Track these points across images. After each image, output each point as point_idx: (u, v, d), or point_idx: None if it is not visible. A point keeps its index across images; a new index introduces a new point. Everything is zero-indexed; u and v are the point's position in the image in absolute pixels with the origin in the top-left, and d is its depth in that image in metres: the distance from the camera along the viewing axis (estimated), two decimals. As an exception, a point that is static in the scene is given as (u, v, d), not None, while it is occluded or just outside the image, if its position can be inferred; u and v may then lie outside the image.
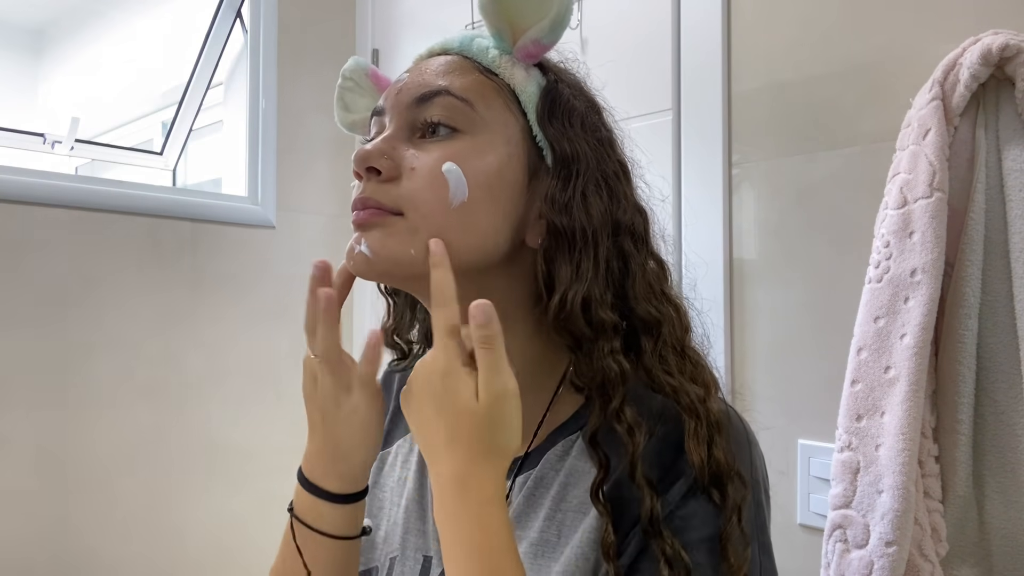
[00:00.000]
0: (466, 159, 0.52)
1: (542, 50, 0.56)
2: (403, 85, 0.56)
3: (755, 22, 1.05)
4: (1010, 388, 0.75)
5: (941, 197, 0.76)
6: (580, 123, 0.57)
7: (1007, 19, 0.81)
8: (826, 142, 0.97)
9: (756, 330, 1.04)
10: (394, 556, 0.61)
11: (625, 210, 0.56)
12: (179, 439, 1.39)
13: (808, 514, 0.97)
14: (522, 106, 0.56)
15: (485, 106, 0.54)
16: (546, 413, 0.58)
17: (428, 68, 0.56)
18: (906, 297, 0.77)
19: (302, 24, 1.63)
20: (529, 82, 0.56)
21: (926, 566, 0.75)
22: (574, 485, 0.54)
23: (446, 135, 0.53)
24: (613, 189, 0.56)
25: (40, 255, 1.24)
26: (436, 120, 0.53)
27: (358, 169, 0.54)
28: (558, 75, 0.58)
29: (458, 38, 0.58)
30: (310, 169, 1.63)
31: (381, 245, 0.52)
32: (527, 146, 0.56)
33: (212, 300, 1.45)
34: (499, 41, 0.56)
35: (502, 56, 0.56)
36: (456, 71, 0.55)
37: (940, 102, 0.77)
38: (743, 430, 0.55)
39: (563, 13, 0.53)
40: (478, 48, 0.57)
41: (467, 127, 0.53)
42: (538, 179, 0.56)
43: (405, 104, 0.55)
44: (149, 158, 1.79)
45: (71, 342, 1.27)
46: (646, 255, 0.57)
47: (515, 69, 0.56)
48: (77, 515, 1.26)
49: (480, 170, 0.52)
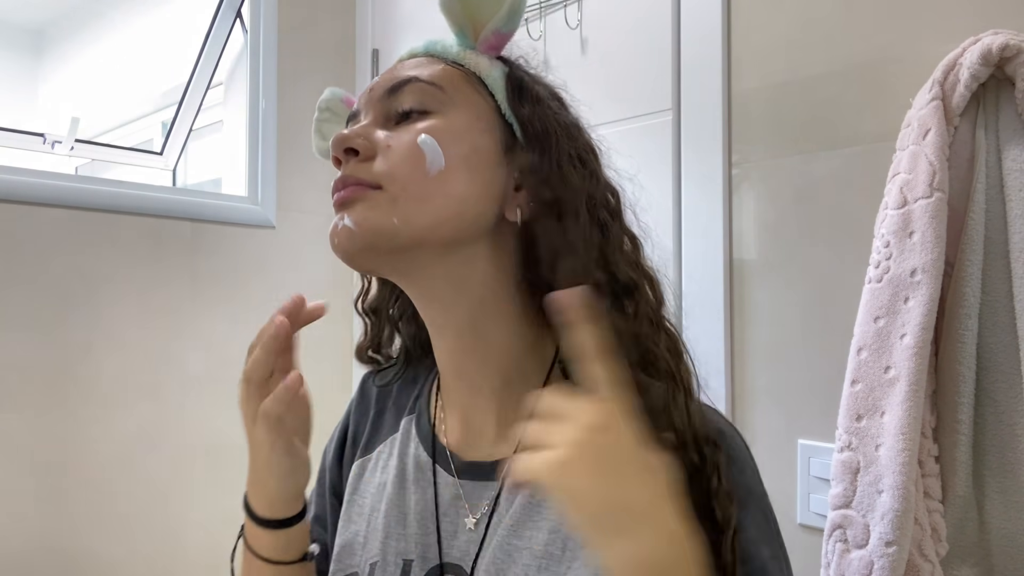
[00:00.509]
0: (440, 133, 0.54)
1: (503, 40, 0.59)
2: (374, 84, 0.59)
3: (755, 22, 1.05)
4: (1010, 388, 0.75)
5: (941, 197, 0.76)
6: (546, 105, 0.59)
7: (1007, 19, 0.81)
8: (826, 142, 0.97)
9: (756, 330, 1.04)
10: (374, 562, 0.60)
11: (598, 185, 0.59)
12: (179, 439, 1.39)
13: (808, 514, 0.97)
14: (489, 88, 0.58)
15: (454, 89, 0.57)
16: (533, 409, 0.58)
17: (397, 68, 0.60)
18: (906, 297, 0.77)
19: (302, 24, 1.63)
20: (493, 68, 0.59)
21: (926, 566, 0.75)
22: None
23: (418, 118, 0.55)
24: (586, 164, 0.58)
25: (40, 255, 1.24)
26: (408, 107, 0.56)
27: (336, 152, 0.56)
28: (520, 66, 0.62)
29: (423, 44, 0.61)
30: (310, 169, 1.63)
31: (363, 217, 0.53)
32: (498, 122, 0.58)
33: (212, 300, 1.45)
34: (462, 39, 0.59)
35: (466, 51, 0.59)
36: (423, 64, 0.58)
37: (940, 102, 0.77)
38: (743, 444, 0.56)
39: (517, 2, 0.56)
40: (443, 47, 0.60)
41: (438, 108, 0.56)
42: (513, 153, 0.57)
43: (377, 97, 0.58)
44: (149, 158, 1.79)
45: (71, 342, 1.27)
46: (620, 228, 0.59)
47: (479, 59, 0.59)
48: (77, 515, 1.26)
49: (454, 141, 0.54)
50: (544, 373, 0.58)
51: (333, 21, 1.70)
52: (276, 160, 1.58)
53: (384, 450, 0.66)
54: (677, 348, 0.56)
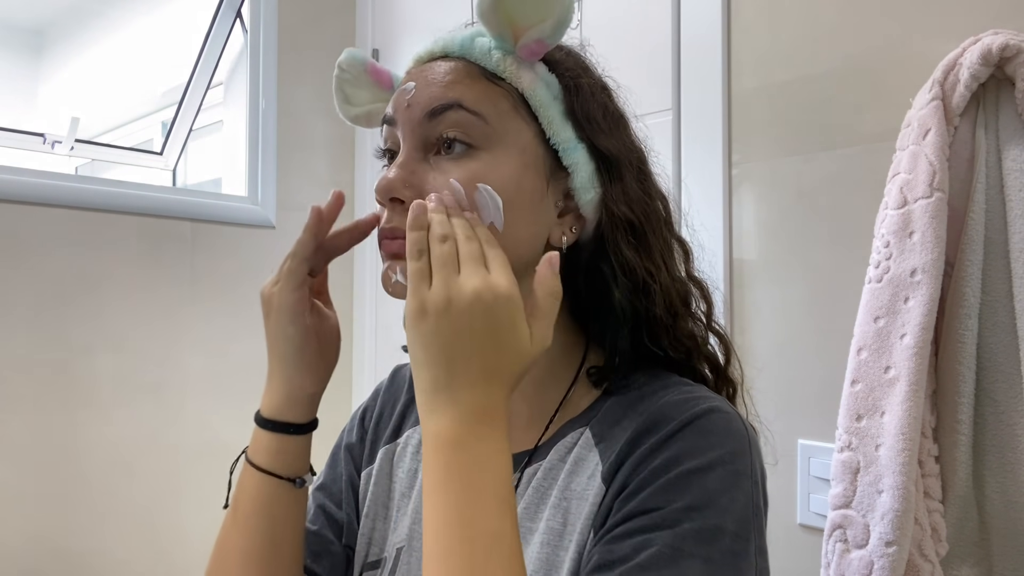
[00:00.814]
0: (485, 177, 0.53)
1: (545, 48, 0.56)
2: (412, 98, 0.55)
3: (755, 22, 1.05)
4: (1010, 388, 0.75)
5: (941, 197, 0.76)
6: (600, 116, 0.58)
7: (1007, 19, 0.81)
8: (826, 142, 0.97)
9: (756, 330, 1.04)
10: (401, 546, 0.62)
11: (653, 197, 0.59)
12: (179, 439, 1.39)
13: (808, 514, 0.97)
14: (532, 110, 0.56)
15: (497, 116, 0.54)
16: (559, 407, 0.59)
17: (434, 77, 0.56)
18: (906, 297, 0.77)
19: (302, 24, 1.63)
20: (537, 84, 0.56)
21: (926, 566, 0.75)
22: (578, 473, 0.55)
23: (462, 151, 0.54)
24: (643, 177, 0.59)
25: (40, 255, 1.24)
26: (451, 136, 0.54)
27: (381, 200, 0.55)
28: (565, 68, 0.58)
29: (458, 39, 0.57)
30: (310, 169, 1.63)
31: None
32: (542, 151, 0.56)
33: (212, 300, 1.46)
34: (501, 41, 0.55)
35: (506, 57, 0.55)
36: (463, 80, 0.55)
37: (940, 102, 0.77)
38: (742, 428, 0.54)
39: (566, 14, 0.53)
40: (480, 50, 0.56)
41: (482, 142, 0.54)
42: (556, 180, 0.57)
43: (417, 120, 0.55)
44: (149, 158, 1.79)
45: (71, 342, 1.27)
46: (672, 237, 0.61)
47: (521, 71, 0.55)
48: (77, 515, 1.26)
49: (504, 187, 0.53)
50: (573, 375, 0.60)
51: (333, 21, 1.70)
52: (276, 160, 1.58)
53: (414, 436, 0.68)
54: (728, 350, 0.61)
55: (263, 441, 0.60)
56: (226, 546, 0.60)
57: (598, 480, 0.53)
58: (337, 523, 0.68)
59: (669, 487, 0.48)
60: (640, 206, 0.57)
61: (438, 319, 0.46)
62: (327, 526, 0.68)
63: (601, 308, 0.57)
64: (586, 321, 0.60)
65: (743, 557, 0.47)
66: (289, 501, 0.60)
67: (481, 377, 0.47)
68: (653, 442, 0.51)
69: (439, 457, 0.46)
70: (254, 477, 0.60)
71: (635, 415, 0.54)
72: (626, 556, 0.46)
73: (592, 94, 0.58)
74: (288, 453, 0.60)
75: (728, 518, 0.47)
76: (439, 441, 0.46)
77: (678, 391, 0.54)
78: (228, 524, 0.61)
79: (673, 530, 0.46)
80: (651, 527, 0.47)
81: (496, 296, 0.47)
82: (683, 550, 0.46)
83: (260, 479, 0.59)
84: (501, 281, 0.47)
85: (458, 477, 0.45)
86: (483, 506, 0.44)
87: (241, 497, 0.60)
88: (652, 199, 0.59)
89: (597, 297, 0.57)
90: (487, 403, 0.47)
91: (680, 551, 0.45)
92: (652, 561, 0.45)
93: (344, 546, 0.68)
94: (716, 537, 0.47)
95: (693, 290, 0.61)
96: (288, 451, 0.60)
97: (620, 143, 0.58)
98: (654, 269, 0.56)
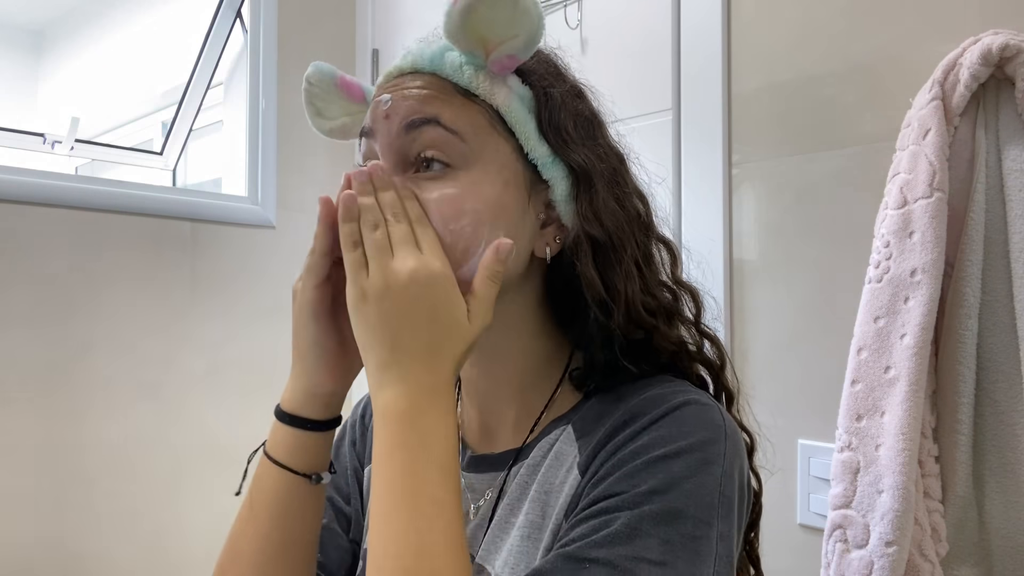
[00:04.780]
0: (465, 199, 0.53)
1: (517, 63, 0.56)
2: (389, 110, 0.55)
3: (755, 22, 1.05)
4: (1010, 388, 0.75)
5: (941, 197, 0.76)
6: (572, 127, 0.57)
7: (1007, 19, 0.81)
8: (826, 142, 0.97)
9: (756, 330, 1.04)
10: None
11: (627, 206, 0.59)
12: (179, 439, 1.39)
13: (808, 514, 0.97)
14: (508, 126, 0.56)
15: (474, 134, 0.54)
16: (544, 409, 0.60)
17: (409, 91, 0.56)
18: (906, 297, 0.77)
19: (302, 24, 1.63)
20: (512, 99, 0.56)
21: (926, 566, 0.75)
22: (558, 467, 0.56)
23: (440, 170, 0.54)
24: (618, 184, 0.59)
25: (40, 255, 1.24)
26: (429, 156, 0.54)
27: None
28: (538, 77, 0.58)
29: (427, 54, 0.57)
30: (310, 169, 1.63)
31: None
32: (521, 167, 0.56)
33: (212, 300, 1.45)
34: (471, 57, 0.55)
35: (478, 73, 0.55)
36: (439, 95, 0.55)
37: (940, 102, 0.77)
38: (719, 419, 0.53)
39: (536, 31, 0.53)
40: (451, 66, 0.56)
41: (460, 162, 0.54)
42: (537, 193, 0.57)
43: (395, 132, 0.55)
44: (149, 158, 1.79)
45: (71, 342, 1.27)
46: (655, 241, 0.61)
47: (494, 87, 0.55)
48: (76, 515, 1.26)
49: (480, 208, 0.53)
50: (557, 380, 0.61)
51: (333, 21, 1.70)
52: (276, 160, 1.58)
53: None
54: (721, 354, 0.61)
55: (281, 435, 0.59)
56: (239, 539, 0.60)
57: (575, 471, 0.53)
58: (345, 517, 0.68)
59: (635, 473, 0.49)
60: (611, 218, 0.56)
61: (379, 303, 0.49)
62: (335, 520, 0.68)
63: (577, 318, 0.58)
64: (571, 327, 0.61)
65: (703, 542, 0.47)
66: (305, 497, 0.59)
67: (425, 353, 0.49)
68: (628, 432, 0.51)
69: (387, 429, 0.48)
70: (270, 470, 0.59)
71: (615, 410, 0.54)
72: (584, 534, 0.47)
73: (563, 103, 0.58)
74: (306, 449, 0.59)
75: (691, 502, 0.47)
76: (387, 414, 0.48)
77: (660, 387, 0.55)
78: (243, 517, 0.60)
79: (633, 511, 0.47)
80: (613, 508, 0.47)
81: (430, 274, 0.49)
82: (640, 529, 0.46)
83: (276, 473, 0.59)
84: (434, 260, 0.50)
85: (403, 448, 0.47)
86: (426, 475, 0.47)
87: (257, 490, 0.60)
88: (626, 208, 0.58)
89: (576, 306, 0.58)
90: (432, 379, 0.49)
91: (637, 530, 0.46)
92: (608, 539, 0.46)
93: (351, 540, 0.68)
94: (676, 519, 0.47)
95: (682, 294, 0.60)
96: (306, 447, 0.59)
97: (592, 152, 0.57)
98: (621, 285, 0.55)
